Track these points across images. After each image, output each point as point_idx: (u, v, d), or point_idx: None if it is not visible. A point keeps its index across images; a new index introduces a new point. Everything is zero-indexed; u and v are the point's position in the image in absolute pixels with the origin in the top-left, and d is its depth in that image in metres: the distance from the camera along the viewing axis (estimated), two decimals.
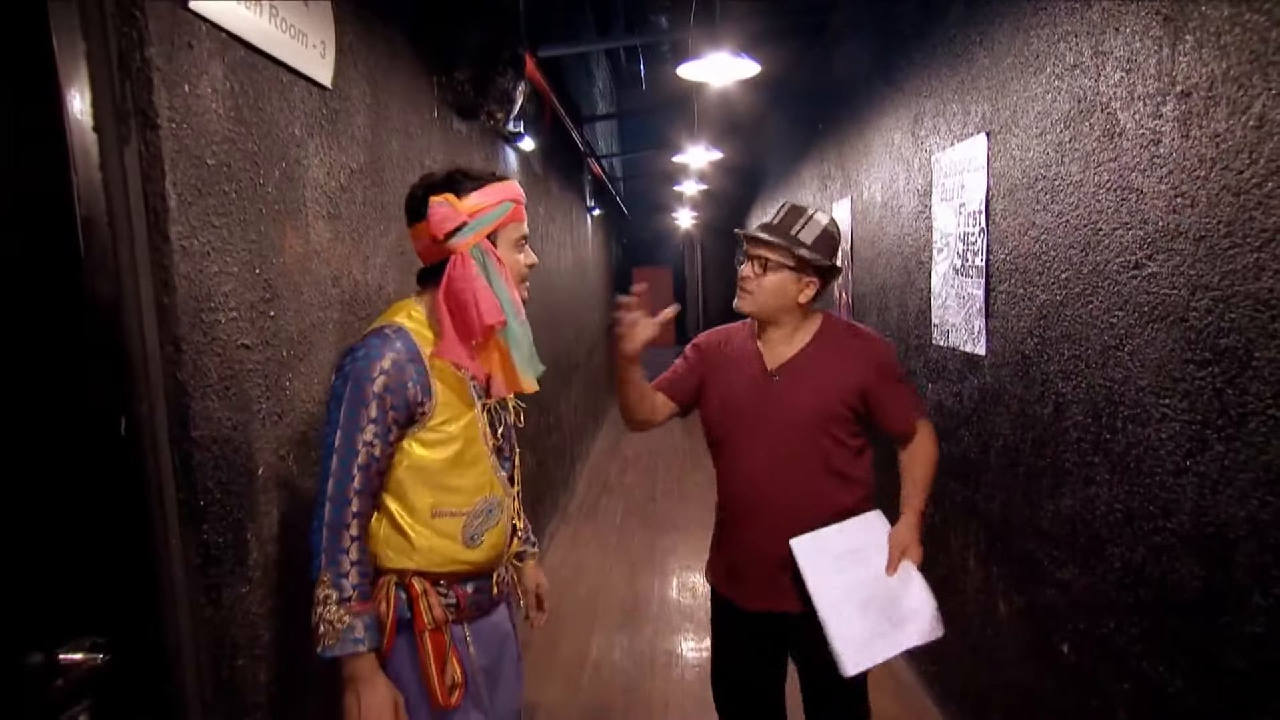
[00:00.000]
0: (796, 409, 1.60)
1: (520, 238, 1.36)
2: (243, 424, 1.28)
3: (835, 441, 1.61)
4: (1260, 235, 1.16)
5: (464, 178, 1.30)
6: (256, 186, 1.33)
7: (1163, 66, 1.36)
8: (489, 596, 1.37)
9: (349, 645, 1.17)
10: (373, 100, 1.90)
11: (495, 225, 1.30)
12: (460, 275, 1.25)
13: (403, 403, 1.22)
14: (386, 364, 1.21)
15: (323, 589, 1.19)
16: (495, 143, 3.29)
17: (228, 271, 1.24)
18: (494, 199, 1.30)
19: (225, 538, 1.21)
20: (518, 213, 1.35)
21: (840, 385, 1.61)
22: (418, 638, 1.26)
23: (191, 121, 1.13)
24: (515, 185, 1.36)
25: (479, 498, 1.32)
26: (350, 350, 1.25)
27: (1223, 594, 1.25)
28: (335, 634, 1.17)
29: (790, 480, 1.60)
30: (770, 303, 1.62)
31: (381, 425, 1.21)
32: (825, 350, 1.64)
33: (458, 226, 1.26)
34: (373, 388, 1.20)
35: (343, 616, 1.18)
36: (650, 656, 3.11)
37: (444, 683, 1.25)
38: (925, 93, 2.58)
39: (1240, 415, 1.20)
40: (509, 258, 1.33)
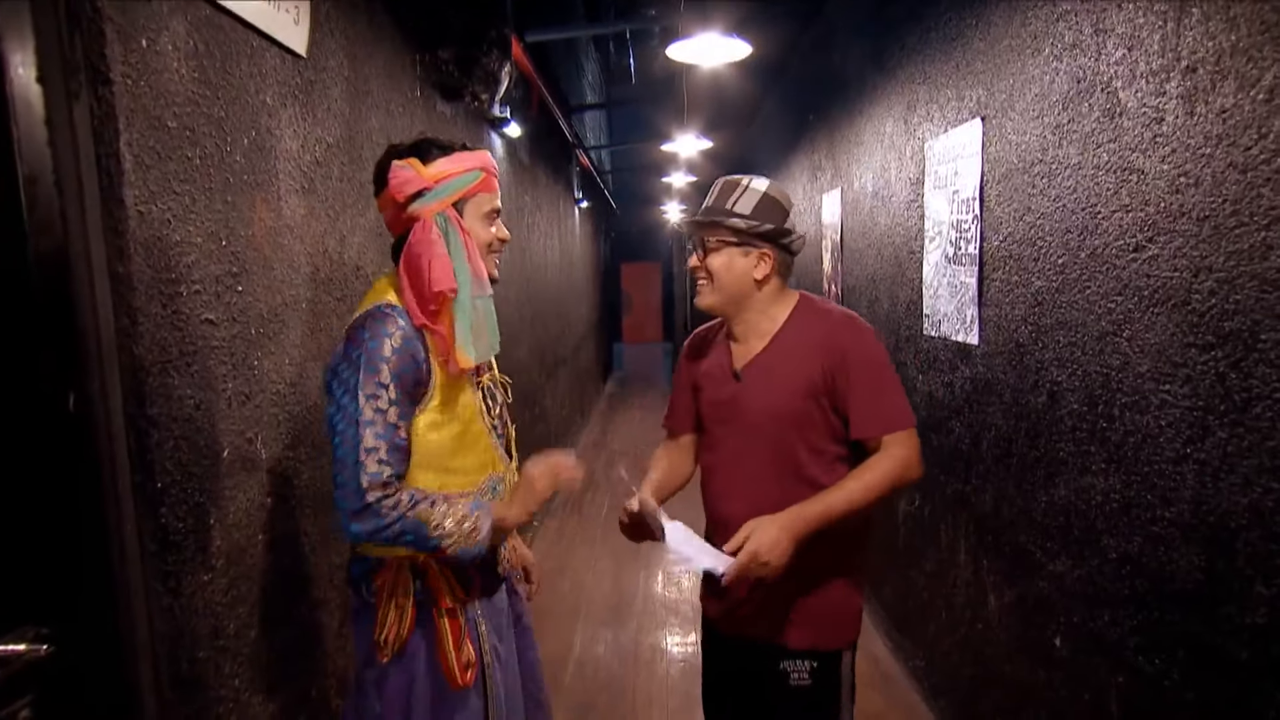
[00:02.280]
0: (757, 412, 1.42)
1: (491, 210, 1.32)
2: (206, 403, 1.21)
3: (809, 447, 1.40)
4: (1268, 214, 1.12)
5: (431, 145, 1.27)
6: (223, 154, 1.26)
7: (1167, 42, 1.32)
8: (495, 573, 1.37)
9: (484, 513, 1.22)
10: (351, 73, 1.83)
11: (461, 193, 1.26)
12: (419, 240, 1.22)
13: (413, 380, 1.21)
14: (397, 341, 1.19)
15: (433, 523, 1.17)
16: (480, 126, 3.22)
17: (190, 241, 1.17)
18: (461, 166, 1.26)
19: (185, 523, 1.14)
20: (487, 183, 1.30)
21: (802, 377, 1.39)
22: (435, 621, 1.25)
23: (150, 79, 1.06)
24: (486, 155, 1.31)
25: (483, 476, 1.31)
26: (355, 334, 1.20)
27: (1224, 584, 1.22)
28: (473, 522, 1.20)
29: (754, 493, 1.41)
30: (726, 288, 1.42)
31: (402, 405, 1.19)
32: (791, 340, 1.43)
33: (419, 191, 1.23)
34: (388, 368, 1.17)
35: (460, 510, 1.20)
36: (634, 652, 3.06)
37: (460, 662, 1.24)
38: (919, 79, 2.54)
39: (1244, 400, 1.17)
40: (476, 229, 1.29)
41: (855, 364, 1.38)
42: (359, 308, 1.27)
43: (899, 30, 2.72)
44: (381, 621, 1.23)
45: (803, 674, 1.43)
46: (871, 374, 1.39)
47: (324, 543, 1.64)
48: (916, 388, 2.58)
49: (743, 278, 1.42)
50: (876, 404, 1.38)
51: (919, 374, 2.58)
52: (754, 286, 1.43)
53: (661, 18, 4.39)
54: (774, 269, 1.43)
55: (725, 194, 1.44)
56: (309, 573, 1.56)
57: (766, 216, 1.41)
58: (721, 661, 1.59)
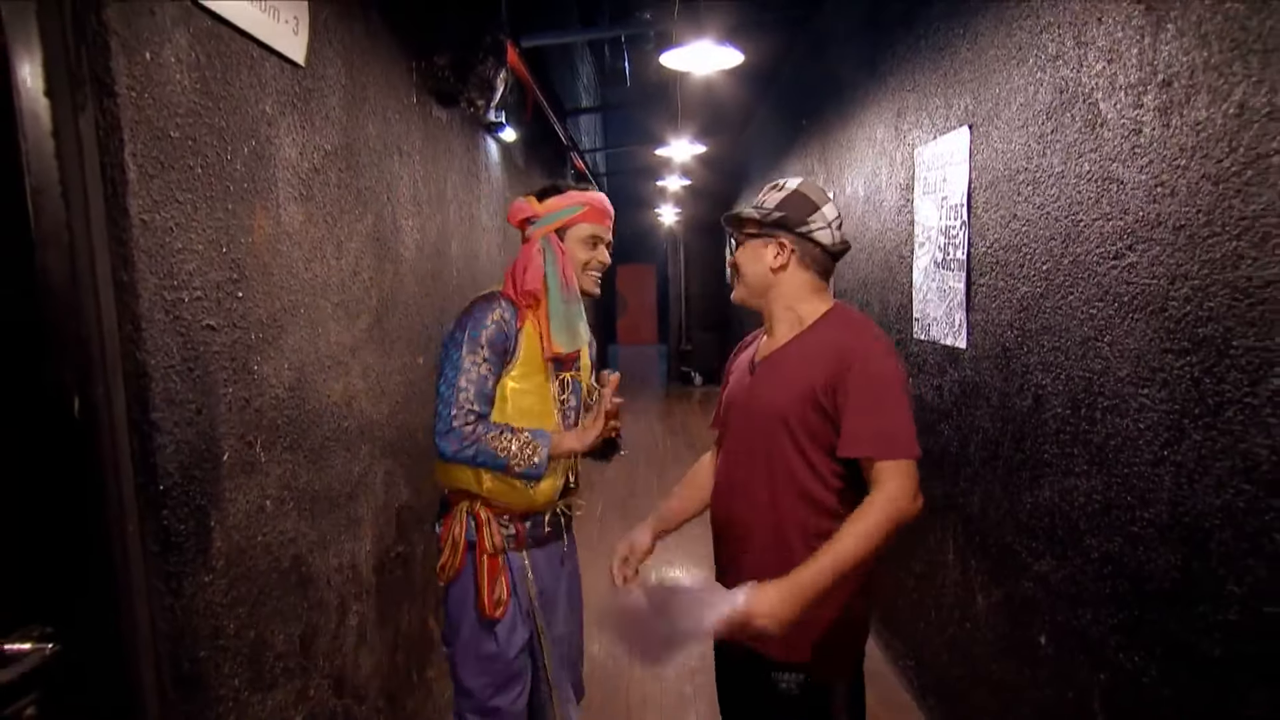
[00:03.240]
0: (761, 408, 1.41)
1: (590, 236, 1.67)
2: (207, 407, 1.24)
3: (804, 457, 1.36)
4: (1239, 224, 1.16)
5: (552, 188, 1.70)
6: (224, 163, 1.29)
7: (1144, 56, 1.36)
8: (544, 531, 1.69)
9: (542, 439, 1.56)
10: (348, 81, 1.86)
11: (564, 221, 1.65)
12: (523, 253, 1.65)
13: (503, 346, 1.59)
14: (496, 315, 1.59)
15: (499, 447, 1.53)
16: (476, 132, 3.25)
17: (192, 249, 1.20)
18: (566, 202, 1.65)
19: (187, 525, 1.16)
20: (590, 214, 1.66)
21: (803, 379, 1.36)
22: (477, 558, 1.61)
23: (153, 91, 1.08)
24: (595, 195, 1.69)
25: None
26: (469, 311, 1.60)
27: (1198, 583, 1.25)
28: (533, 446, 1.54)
29: (750, 492, 1.42)
30: (749, 280, 1.48)
31: (494, 364, 1.58)
32: (809, 342, 1.41)
33: (528, 218, 1.66)
34: (486, 334, 1.57)
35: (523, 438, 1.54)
36: None
37: (491, 598, 1.59)
38: (909, 86, 2.58)
39: (1217, 404, 1.20)
40: (575, 250, 1.66)
41: (856, 376, 1.30)
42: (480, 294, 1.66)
43: (890, 38, 2.76)
44: (443, 550, 1.63)
45: (791, 685, 1.41)
46: (871, 391, 1.30)
47: (322, 544, 1.66)
48: None
49: (763, 268, 1.46)
50: (869, 423, 1.29)
51: (909, 378, 2.62)
52: (773, 276, 1.44)
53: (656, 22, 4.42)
54: (793, 257, 1.42)
55: (761, 194, 1.50)
56: (307, 573, 1.59)
57: (789, 209, 1.41)
58: (723, 664, 1.61)
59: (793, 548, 1.36)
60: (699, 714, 2.63)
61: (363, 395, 1.92)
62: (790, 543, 1.38)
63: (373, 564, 1.97)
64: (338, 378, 1.77)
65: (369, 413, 1.96)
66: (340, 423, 1.78)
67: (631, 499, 5.22)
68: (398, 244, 2.20)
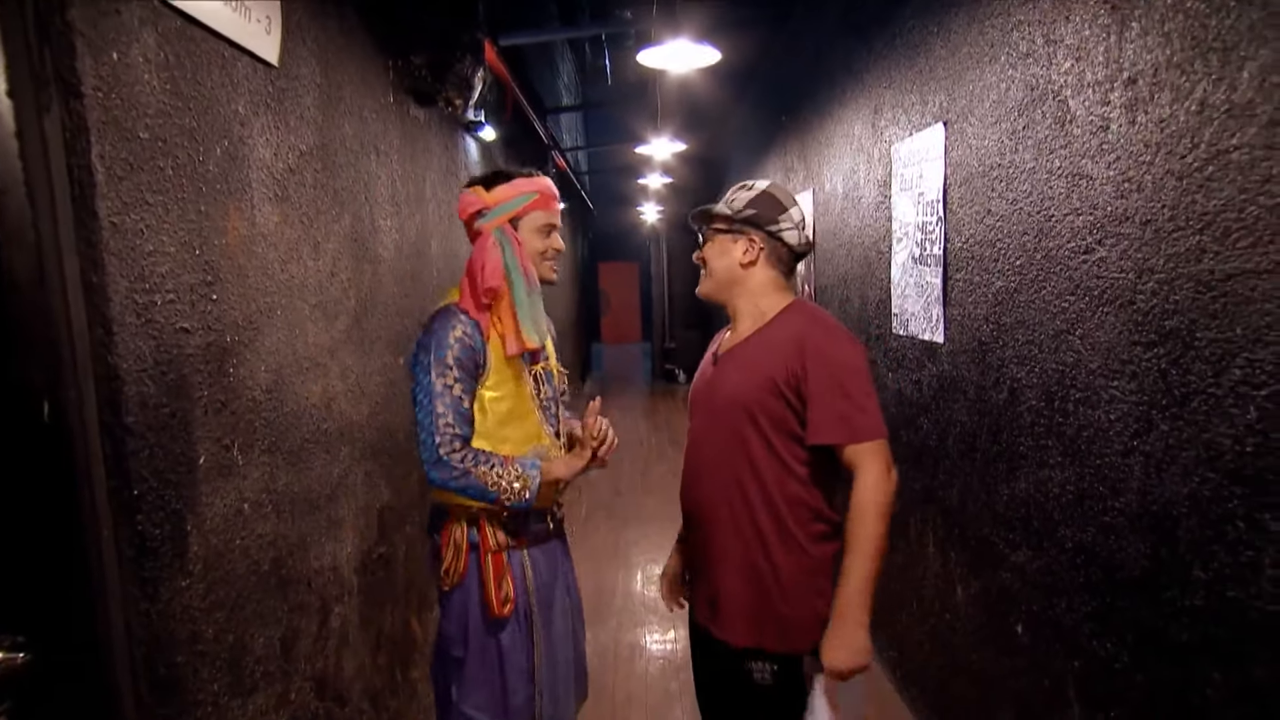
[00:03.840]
0: (721, 397, 1.46)
1: (545, 224, 1.62)
2: (182, 411, 1.23)
3: (765, 444, 1.40)
4: (1201, 218, 1.18)
5: (498, 175, 1.62)
6: (196, 164, 1.28)
7: (1110, 54, 1.38)
8: (545, 527, 1.67)
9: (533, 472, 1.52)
10: (323, 81, 1.84)
11: (516, 211, 1.58)
12: (478, 248, 1.57)
13: (472, 363, 1.53)
14: (459, 332, 1.52)
15: (490, 482, 1.49)
16: (455, 131, 3.24)
17: (164, 251, 1.18)
18: (517, 190, 1.59)
19: (162, 529, 1.15)
20: (541, 202, 1.61)
21: (765, 369, 1.40)
22: (481, 558, 1.57)
23: (121, 91, 1.07)
24: (545, 181, 1.62)
25: (529, 446, 1.60)
26: (428, 328, 1.54)
27: (1166, 570, 1.28)
28: (524, 480, 1.51)
29: (714, 480, 1.46)
30: (716, 275, 1.51)
31: (465, 381, 1.52)
32: (771, 334, 1.45)
33: (479, 210, 1.59)
34: (452, 352, 1.50)
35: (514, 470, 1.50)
36: (614, 650, 3.09)
37: (499, 595, 1.56)
38: (885, 83, 2.61)
39: (1183, 395, 1.23)
40: (530, 240, 1.61)
41: (817, 366, 1.35)
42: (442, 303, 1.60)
43: (866, 36, 2.78)
44: (444, 558, 1.59)
45: (764, 673, 1.44)
46: (833, 378, 1.35)
47: (302, 547, 1.65)
48: (886, 386, 2.65)
49: (732, 263, 1.51)
50: (834, 410, 1.34)
51: (889, 372, 2.65)
52: (742, 271, 1.50)
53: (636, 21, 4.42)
54: (761, 254, 1.49)
55: (729, 193, 1.54)
56: (287, 576, 1.58)
57: (759, 208, 1.48)
58: (700, 656, 1.63)
59: (757, 530, 1.43)
60: (684, 710, 2.64)
61: (342, 397, 1.91)
62: (755, 526, 1.43)
63: (354, 565, 1.96)
64: (316, 379, 1.76)
65: (349, 414, 1.95)
66: (319, 424, 1.77)
67: (617, 498, 5.23)
68: (376, 244, 2.19)
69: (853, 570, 1.32)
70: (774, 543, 1.41)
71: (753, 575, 1.43)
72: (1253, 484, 1.10)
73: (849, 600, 1.32)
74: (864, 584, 1.32)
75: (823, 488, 1.42)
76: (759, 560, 1.42)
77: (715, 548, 1.48)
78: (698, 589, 1.57)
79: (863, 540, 1.32)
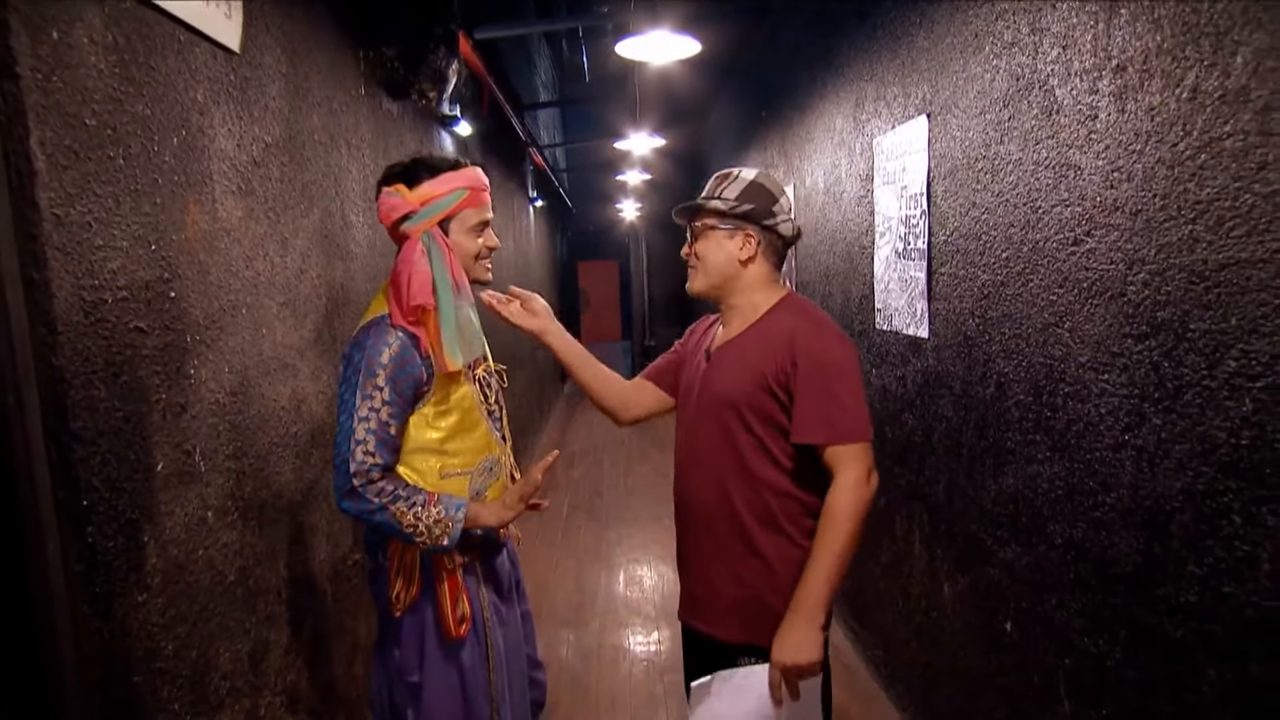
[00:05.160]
0: (714, 394, 1.43)
1: (478, 223, 1.44)
2: (137, 415, 1.16)
3: (754, 440, 1.38)
4: (1194, 208, 1.16)
5: (420, 167, 1.41)
6: (150, 154, 1.21)
7: (1099, 41, 1.36)
8: (496, 538, 1.54)
9: (457, 519, 1.35)
10: (290, 70, 1.77)
11: (446, 212, 1.40)
12: (403, 258, 1.37)
13: (410, 383, 1.35)
14: (395, 349, 1.34)
15: (406, 522, 1.33)
16: (430, 125, 3.16)
17: (115, 246, 1.12)
18: (446, 187, 1.39)
19: (116, 541, 1.09)
20: (473, 199, 1.42)
21: (756, 366, 1.38)
22: (435, 582, 1.43)
23: (64, 75, 1.00)
24: (474, 172, 1.44)
25: (480, 458, 1.47)
26: (357, 342, 1.36)
27: (1160, 566, 1.26)
28: (444, 525, 1.34)
29: (702, 476, 1.44)
30: (713, 270, 1.45)
31: (395, 406, 1.34)
32: (763, 330, 1.43)
33: (405, 215, 1.38)
34: (385, 373, 1.33)
35: (434, 513, 1.34)
36: (597, 653, 3.04)
37: (455, 616, 1.43)
38: (866, 76, 2.58)
39: (1176, 388, 1.21)
40: (462, 242, 1.43)
41: (806, 364, 1.34)
42: (364, 316, 1.42)
43: (846, 28, 2.75)
44: (393, 582, 1.43)
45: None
46: (821, 377, 1.33)
47: (270, 555, 1.59)
48: (870, 382, 2.62)
49: (729, 259, 1.45)
50: (819, 410, 1.33)
51: (873, 368, 2.62)
52: (740, 268, 1.45)
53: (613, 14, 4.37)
54: (759, 250, 1.44)
55: (715, 184, 1.48)
56: (255, 586, 1.51)
57: (753, 201, 1.43)
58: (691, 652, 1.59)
59: (746, 525, 1.41)
60: (670, 713, 2.60)
61: (313, 398, 1.84)
62: (743, 521, 1.41)
63: (327, 572, 1.90)
64: (285, 381, 1.69)
65: (321, 416, 1.88)
66: (289, 428, 1.70)
67: (597, 497, 5.18)
68: (348, 240, 2.12)
69: (816, 569, 1.30)
70: (765, 538, 1.39)
71: (744, 570, 1.41)
72: (1248, 478, 1.08)
73: (807, 597, 1.30)
74: (825, 585, 1.30)
75: (813, 484, 1.39)
76: (750, 555, 1.40)
77: (706, 543, 1.46)
78: (688, 584, 1.54)
79: (830, 541, 1.30)
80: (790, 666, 1.29)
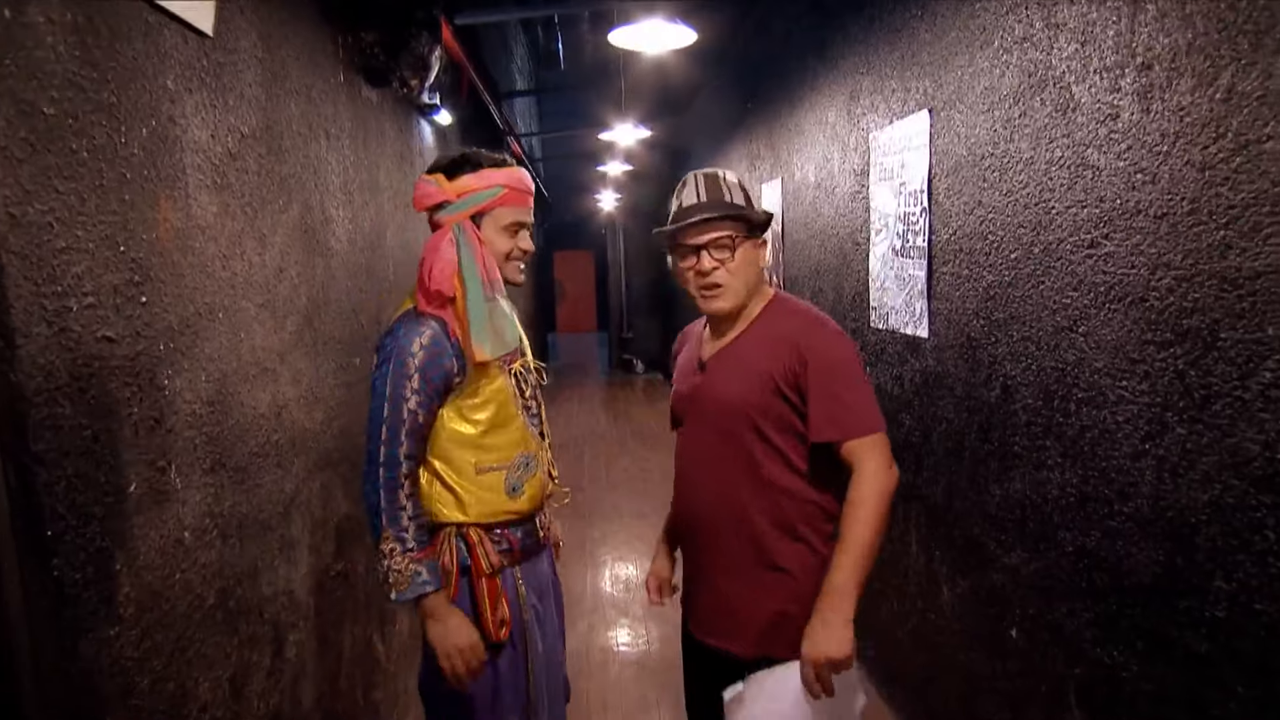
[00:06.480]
0: (713, 402, 1.39)
1: (512, 223, 1.44)
2: (107, 433, 1.06)
3: (766, 445, 1.35)
4: (1227, 212, 1.12)
5: (465, 161, 1.44)
6: (117, 146, 1.10)
7: (1122, 38, 1.31)
8: (536, 540, 1.53)
9: (418, 588, 1.33)
10: (266, 55, 1.66)
11: (481, 206, 1.41)
12: (430, 246, 1.40)
13: (440, 374, 1.36)
14: (425, 339, 1.35)
15: (387, 543, 1.34)
16: (410, 114, 3.04)
17: (80, 248, 1.01)
18: (484, 182, 1.41)
19: (84, 572, 0.99)
20: (510, 197, 1.42)
21: (761, 371, 1.34)
22: (474, 582, 1.42)
23: (16, 57, 0.90)
24: (517, 173, 1.44)
25: (516, 453, 1.46)
26: (390, 331, 1.39)
27: (1183, 578, 1.23)
28: (405, 580, 1.33)
29: (715, 488, 1.39)
30: (746, 286, 1.38)
31: (424, 395, 1.35)
32: (759, 333, 1.39)
33: (439, 204, 1.42)
34: (415, 362, 1.34)
35: (409, 565, 1.33)
36: (586, 655, 2.99)
37: (495, 620, 1.42)
38: (862, 69, 2.53)
39: (1204, 397, 1.18)
40: (494, 239, 1.43)
41: (815, 363, 1.31)
42: (400, 308, 1.46)
43: (842, 19, 2.70)
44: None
45: None
46: (832, 375, 1.32)
47: (252, 573, 1.49)
48: None
49: (758, 271, 1.41)
50: (835, 407, 1.31)
51: (868, 367, 2.59)
52: (761, 277, 1.43)
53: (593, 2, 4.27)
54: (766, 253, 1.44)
55: (716, 188, 1.38)
56: (236, 608, 1.42)
57: (759, 204, 1.44)
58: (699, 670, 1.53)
59: (763, 535, 1.36)
60: (661, 716, 2.55)
61: (294, 404, 1.74)
62: (760, 531, 1.36)
63: (310, 586, 1.80)
64: (265, 386, 1.59)
65: (302, 422, 1.79)
66: (269, 436, 1.60)
67: (579, 492, 5.11)
68: (328, 236, 2.01)
69: (844, 560, 1.25)
70: (784, 547, 1.35)
71: (763, 582, 1.36)
72: None
73: (837, 589, 1.25)
74: (854, 575, 1.25)
75: (830, 485, 1.36)
76: (769, 568, 1.36)
77: (720, 557, 1.40)
78: (698, 600, 1.47)
79: (859, 531, 1.26)
80: (824, 660, 1.24)
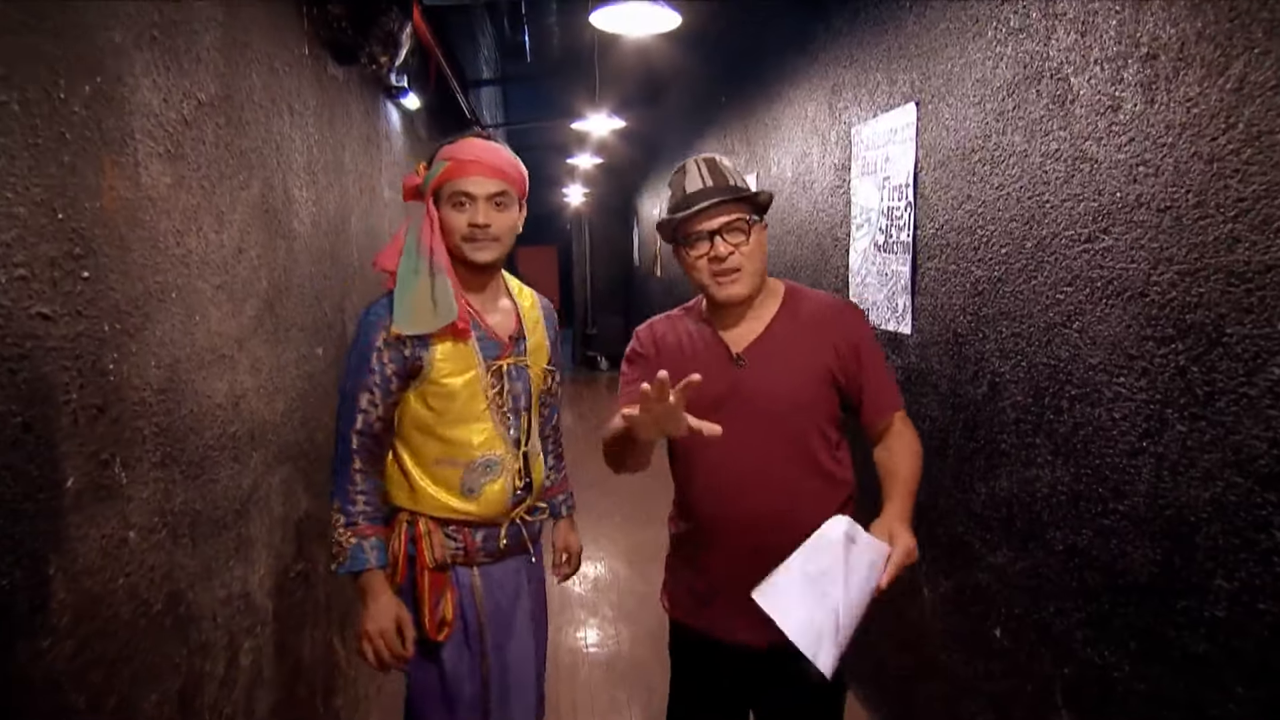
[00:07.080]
0: (773, 397, 1.33)
1: (453, 194, 1.38)
2: (41, 422, 0.95)
3: (820, 433, 1.35)
4: (1236, 205, 1.10)
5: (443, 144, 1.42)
6: (55, 101, 0.99)
7: (1124, 28, 1.29)
8: (498, 546, 1.46)
9: (356, 563, 1.34)
10: (227, 19, 1.54)
11: (434, 183, 1.38)
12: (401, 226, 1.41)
13: (400, 358, 1.36)
14: (389, 319, 1.34)
15: (334, 515, 1.36)
16: (377, 95, 2.92)
17: (10, 213, 0.90)
18: (437, 159, 1.39)
19: (13, 578, 0.88)
20: (450, 170, 1.37)
21: (816, 361, 1.35)
22: (417, 574, 1.40)
23: None
24: (460, 143, 1.39)
25: (479, 453, 1.41)
26: (368, 308, 1.40)
27: (1181, 577, 1.22)
28: (344, 553, 1.34)
29: (773, 486, 1.33)
30: (760, 270, 1.35)
31: (381, 376, 1.35)
32: (796, 323, 1.37)
33: (415, 189, 1.41)
34: (376, 342, 1.35)
35: (350, 538, 1.34)
36: (554, 657, 2.88)
37: (434, 618, 1.39)
38: (845, 62, 2.49)
39: (1207, 394, 1.16)
40: (446, 216, 1.38)
41: (866, 347, 1.37)
42: None
43: (823, 11, 2.66)
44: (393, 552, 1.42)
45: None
46: (876, 356, 1.40)
47: (205, 575, 1.38)
48: None
49: (764, 255, 1.39)
50: (885, 386, 1.39)
51: None
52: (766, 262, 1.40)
53: None
54: None
55: (719, 172, 1.35)
56: (187, 614, 1.31)
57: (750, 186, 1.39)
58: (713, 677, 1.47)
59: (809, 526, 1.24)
60: (633, 717, 2.49)
61: (253, 394, 1.63)
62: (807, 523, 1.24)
63: (268, 588, 1.69)
64: (221, 375, 1.47)
65: (261, 413, 1.67)
66: (226, 428, 1.49)
67: None
68: (290, 217, 1.89)
69: (908, 489, 1.32)
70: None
71: None
72: None
73: (905, 508, 1.30)
74: (913, 500, 1.32)
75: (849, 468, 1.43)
76: None
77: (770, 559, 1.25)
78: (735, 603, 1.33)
79: (915, 463, 1.35)
80: (912, 548, 1.25)
